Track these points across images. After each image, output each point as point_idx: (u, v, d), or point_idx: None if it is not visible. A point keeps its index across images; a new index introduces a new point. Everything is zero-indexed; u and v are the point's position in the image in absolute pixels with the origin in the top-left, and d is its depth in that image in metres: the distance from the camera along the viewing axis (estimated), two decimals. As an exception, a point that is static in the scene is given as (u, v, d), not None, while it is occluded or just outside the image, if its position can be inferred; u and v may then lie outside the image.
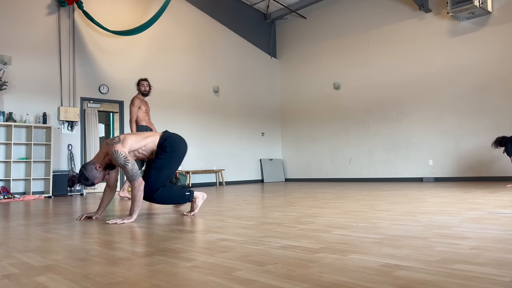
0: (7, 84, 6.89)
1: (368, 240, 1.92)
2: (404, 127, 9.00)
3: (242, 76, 10.88)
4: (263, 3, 11.00)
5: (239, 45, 10.88)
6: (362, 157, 9.74)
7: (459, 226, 2.27)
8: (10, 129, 6.85)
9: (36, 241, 2.23)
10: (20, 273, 1.51)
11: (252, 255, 1.68)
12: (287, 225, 2.54)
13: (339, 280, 1.26)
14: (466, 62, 8.11)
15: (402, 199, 4.14)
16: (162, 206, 4.25)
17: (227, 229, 2.44)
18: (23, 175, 7.08)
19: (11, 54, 7.08)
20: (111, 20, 8.39)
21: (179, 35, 9.63)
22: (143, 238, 2.23)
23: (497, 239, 1.84)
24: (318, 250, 1.73)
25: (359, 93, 9.84)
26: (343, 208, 3.49)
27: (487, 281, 1.20)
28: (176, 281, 1.32)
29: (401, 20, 9.14)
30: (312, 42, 10.90)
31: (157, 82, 9.10)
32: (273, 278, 1.32)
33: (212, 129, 10.01)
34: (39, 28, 7.49)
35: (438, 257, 1.52)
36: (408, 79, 8.95)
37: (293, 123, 11.32)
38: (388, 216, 2.83)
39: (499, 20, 7.73)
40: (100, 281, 1.35)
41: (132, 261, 1.65)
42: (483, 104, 7.87)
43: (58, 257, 1.77)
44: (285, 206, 3.79)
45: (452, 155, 8.26)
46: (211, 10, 10.29)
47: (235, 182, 10.39)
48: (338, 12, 10.36)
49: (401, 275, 1.30)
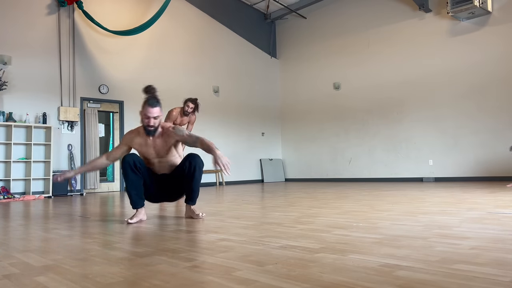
0: (7, 84, 6.88)
1: (368, 240, 1.92)
2: (404, 127, 9.00)
3: (242, 76, 10.88)
4: (263, 3, 11.00)
5: (239, 45, 10.88)
6: (362, 157, 9.74)
7: (459, 226, 2.27)
8: (10, 129, 6.84)
9: (36, 241, 2.23)
10: (20, 273, 1.51)
11: (252, 255, 1.68)
12: (287, 225, 2.54)
13: (339, 280, 1.26)
14: (466, 62, 8.11)
15: (402, 199, 4.14)
16: (164, 205, 4.26)
17: (227, 229, 2.44)
18: (23, 175, 7.07)
19: (11, 54, 7.08)
20: (111, 20, 8.39)
21: (179, 35, 9.63)
22: (143, 238, 2.23)
23: (497, 239, 1.84)
24: (318, 250, 1.73)
25: (359, 93, 9.84)
26: (343, 208, 3.49)
27: (487, 281, 1.20)
28: (176, 281, 1.32)
29: (401, 20, 9.14)
30: (312, 42, 10.90)
31: (157, 82, 9.09)
32: (273, 278, 1.32)
33: (212, 129, 10.01)
34: (39, 28, 7.49)
35: (438, 257, 1.52)
36: (408, 79, 8.95)
37: (293, 123, 11.32)
38: (388, 216, 2.83)
39: (499, 20, 7.73)
40: (100, 281, 1.35)
41: (132, 261, 1.65)
42: (483, 104, 7.87)
43: (58, 257, 1.77)
44: (285, 206, 3.79)
45: (452, 155, 8.26)
46: (211, 10, 10.29)
47: (235, 182, 10.39)
48: (338, 12, 10.36)
49: (401, 275, 1.30)
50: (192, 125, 5.59)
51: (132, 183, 2.95)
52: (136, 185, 2.97)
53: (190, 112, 5.44)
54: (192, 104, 5.33)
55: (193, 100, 5.36)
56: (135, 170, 2.93)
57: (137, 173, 2.95)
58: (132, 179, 2.93)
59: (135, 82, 8.69)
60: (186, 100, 5.42)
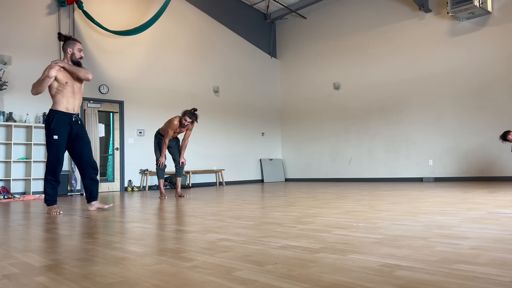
0: (7, 84, 6.88)
1: (368, 240, 1.92)
2: (404, 127, 9.00)
3: (242, 76, 10.88)
4: (263, 3, 11.00)
5: (239, 45, 10.88)
6: (362, 157, 9.74)
7: (459, 226, 2.27)
8: (10, 129, 6.85)
9: (36, 241, 2.23)
10: (20, 273, 1.51)
11: (252, 255, 1.68)
12: (287, 225, 2.54)
13: (339, 280, 1.26)
14: (466, 62, 8.11)
15: (402, 199, 4.14)
16: (163, 205, 4.26)
17: (227, 229, 2.44)
18: (23, 175, 7.08)
19: (11, 54, 7.08)
20: (111, 20, 8.39)
21: (179, 35, 9.63)
22: (143, 238, 2.23)
23: (497, 239, 1.84)
24: (318, 250, 1.73)
25: (359, 93, 9.84)
26: (343, 208, 3.49)
27: (487, 281, 1.20)
28: (176, 281, 1.32)
29: (401, 20, 9.14)
30: (312, 42, 10.90)
31: (157, 82, 9.10)
32: (273, 278, 1.32)
33: (212, 129, 10.01)
34: (39, 28, 7.49)
35: (438, 257, 1.52)
36: (408, 79, 8.95)
37: (293, 123, 11.32)
38: (388, 216, 2.83)
39: (499, 20, 7.73)
40: (100, 281, 1.35)
41: (132, 261, 1.65)
42: (483, 104, 7.87)
43: (58, 257, 1.77)
44: (285, 206, 3.79)
45: (452, 155, 8.26)
46: (211, 10, 10.29)
47: (235, 182, 10.39)
48: (338, 12, 10.36)
49: (401, 275, 1.30)
50: (190, 131, 5.61)
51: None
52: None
53: (187, 125, 5.45)
54: (190, 119, 5.33)
55: (190, 116, 5.34)
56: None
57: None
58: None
59: (135, 82, 8.70)
60: (184, 113, 5.39)
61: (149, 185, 8.77)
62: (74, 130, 3.82)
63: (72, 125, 3.80)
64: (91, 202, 3.99)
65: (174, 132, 5.51)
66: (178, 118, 5.44)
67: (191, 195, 6.05)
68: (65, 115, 3.76)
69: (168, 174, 8.64)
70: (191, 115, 5.34)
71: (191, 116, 5.34)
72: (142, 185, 8.63)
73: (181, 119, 5.37)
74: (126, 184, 8.43)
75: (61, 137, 3.73)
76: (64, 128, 3.75)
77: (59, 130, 3.72)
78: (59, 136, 3.72)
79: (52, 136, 3.70)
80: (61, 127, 3.73)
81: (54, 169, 3.76)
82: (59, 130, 3.72)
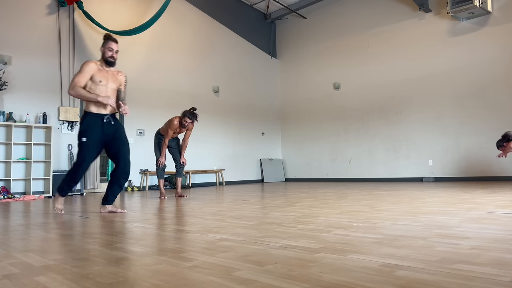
0: (7, 84, 6.88)
1: (368, 240, 1.92)
2: (404, 127, 9.00)
3: (242, 76, 10.88)
4: (263, 3, 11.00)
5: (239, 45, 10.88)
6: (362, 157, 9.74)
7: (459, 226, 2.27)
8: (10, 129, 6.84)
9: (36, 241, 2.23)
10: (20, 273, 1.51)
11: (252, 255, 1.68)
12: (287, 225, 2.54)
13: (339, 280, 1.26)
14: (466, 62, 8.11)
15: (402, 199, 4.14)
16: (163, 205, 4.26)
17: (227, 229, 2.44)
18: (23, 175, 7.07)
19: (11, 54, 7.08)
20: (111, 20, 8.39)
21: (179, 35, 9.63)
22: (143, 238, 2.23)
23: (497, 239, 1.84)
24: (318, 250, 1.73)
25: (359, 93, 9.84)
26: (343, 208, 3.49)
27: (487, 281, 1.20)
28: (176, 281, 1.32)
29: (401, 20, 9.14)
30: (312, 42, 10.90)
31: (157, 82, 9.10)
32: (273, 278, 1.32)
33: (212, 129, 10.01)
34: (39, 28, 7.49)
35: (438, 257, 1.52)
36: (408, 79, 8.95)
37: (293, 123, 11.32)
38: (388, 216, 2.83)
39: (499, 20, 7.73)
40: (100, 281, 1.35)
41: (132, 261, 1.65)
42: (483, 104, 7.87)
43: (58, 257, 1.77)
44: (285, 206, 3.79)
45: (452, 155, 8.26)
46: (211, 10, 10.29)
47: (235, 182, 10.39)
48: (338, 12, 10.36)
49: (401, 275, 1.30)
50: (190, 131, 5.61)
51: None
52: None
53: (187, 125, 5.45)
54: (190, 120, 5.33)
55: (190, 116, 5.34)
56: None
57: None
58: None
59: (135, 82, 8.69)
60: (183, 113, 5.39)
61: (149, 185, 8.76)
62: (106, 131, 3.63)
63: (104, 126, 3.62)
64: (105, 205, 3.82)
65: (174, 132, 5.51)
66: (178, 118, 5.44)
67: (191, 195, 6.05)
68: (96, 116, 3.59)
69: (168, 174, 8.64)
70: (190, 115, 5.34)
71: (191, 117, 5.35)
72: (142, 185, 8.63)
73: (181, 119, 5.38)
74: (126, 184, 8.43)
75: (90, 139, 3.55)
76: (95, 130, 3.58)
77: (89, 132, 3.55)
78: (88, 138, 3.55)
79: (81, 138, 3.55)
80: (91, 129, 3.57)
81: (75, 171, 3.59)
82: (88, 132, 3.55)
